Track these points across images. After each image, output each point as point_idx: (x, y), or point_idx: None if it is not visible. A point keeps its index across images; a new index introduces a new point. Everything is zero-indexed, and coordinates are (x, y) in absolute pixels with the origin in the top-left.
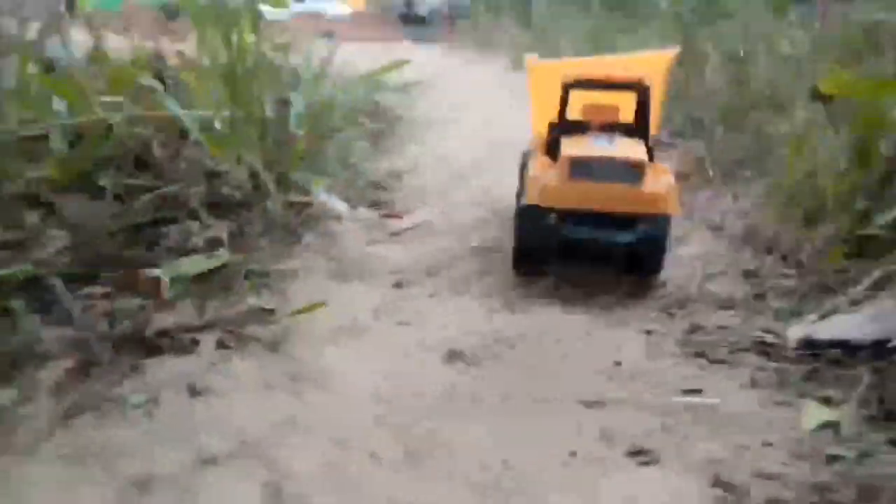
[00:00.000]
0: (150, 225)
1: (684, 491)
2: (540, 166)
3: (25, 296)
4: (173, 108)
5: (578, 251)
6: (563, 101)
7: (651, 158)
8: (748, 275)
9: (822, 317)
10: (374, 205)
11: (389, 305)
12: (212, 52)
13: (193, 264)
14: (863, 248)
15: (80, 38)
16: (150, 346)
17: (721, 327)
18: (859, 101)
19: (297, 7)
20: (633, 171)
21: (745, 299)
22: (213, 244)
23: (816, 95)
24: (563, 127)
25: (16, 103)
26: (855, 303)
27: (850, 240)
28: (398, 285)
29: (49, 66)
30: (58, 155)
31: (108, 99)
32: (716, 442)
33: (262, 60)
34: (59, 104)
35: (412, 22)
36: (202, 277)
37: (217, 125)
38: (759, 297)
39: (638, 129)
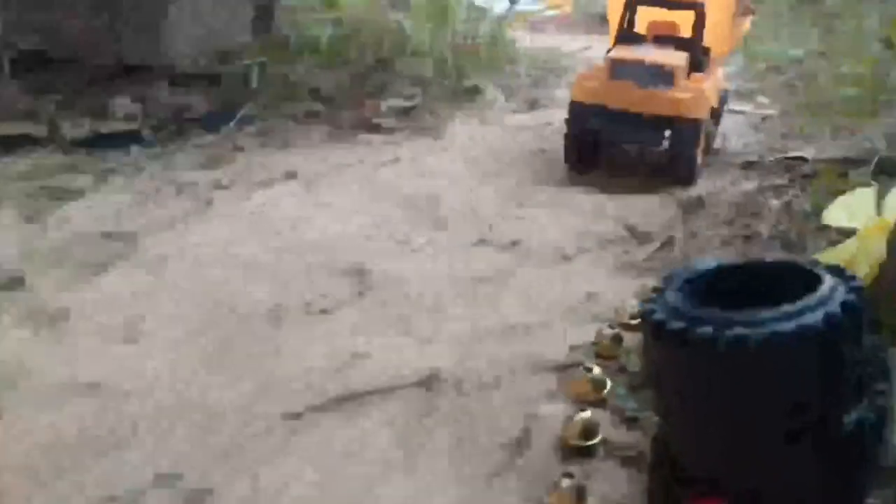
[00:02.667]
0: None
1: None
2: (594, 69)
3: None
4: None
5: (614, 148)
6: (626, 15)
7: (698, 69)
8: None
9: None
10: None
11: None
12: None
13: (398, 101)
14: None
15: None
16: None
17: None
18: None
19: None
20: (665, 76)
21: None
22: (411, 97)
23: None
24: (624, 38)
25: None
26: None
27: None
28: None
29: None
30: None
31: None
32: None
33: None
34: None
35: None
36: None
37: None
38: None
39: (692, 42)
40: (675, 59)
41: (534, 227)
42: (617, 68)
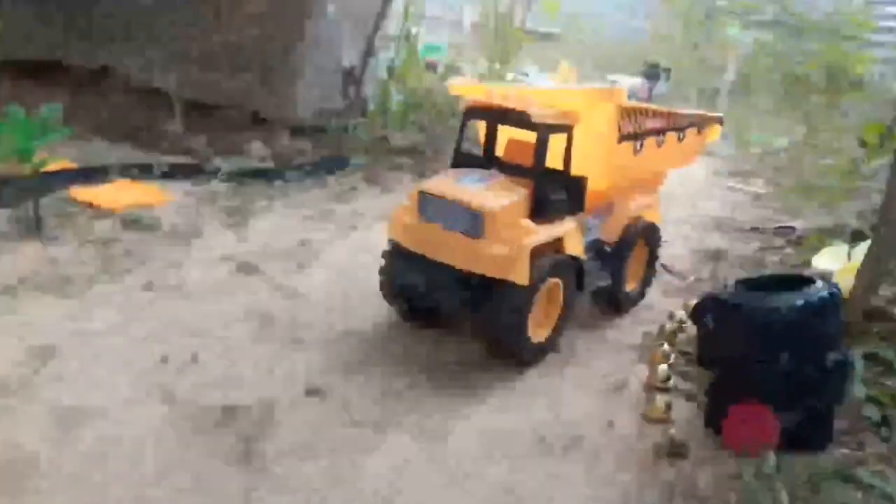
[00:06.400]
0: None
1: None
2: (410, 199)
3: None
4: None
5: (418, 300)
6: (462, 129)
7: (543, 213)
8: None
9: None
10: None
11: None
12: None
13: None
14: None
15: None
16: None
17: None
18: None
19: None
20: (473, 220)
21: None
22: None
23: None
24: (459, 158)
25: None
26: None
27: None
28: None
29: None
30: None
31: None
32: None
33: None
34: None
35: None
36: None
37: None
38: None
39: (535, 173)
40: (491, 198)
41: None
42: (425, 204)
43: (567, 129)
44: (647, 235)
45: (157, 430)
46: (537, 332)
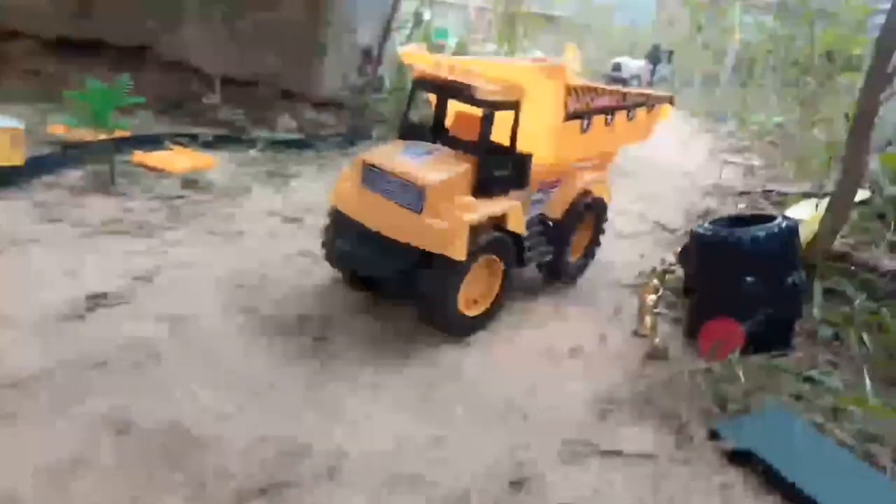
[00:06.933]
0: None
1: None
2: (354, 165)
3: None
4: None
5: (355, 267)
6: (410, 100)
7: (486, 189)
8: None
9: None
10: None
11: None
12: None
13: None
14: None
15: None
16: None
17: None
18: None
19: None
20: (413, 194)
21: None
22: None
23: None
24: (406, 129)
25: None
26: None
27: None
28: None
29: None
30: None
31: None
32: None
33: None
34: None
35: (617, 83)
36: None
37: None
38: None
39: (480, 148)
40: (433, 172)
41: None
42: (368, 174)
43: (513, 105)
44: (594, 211)
45: (244, 330)
46: (472, 307)
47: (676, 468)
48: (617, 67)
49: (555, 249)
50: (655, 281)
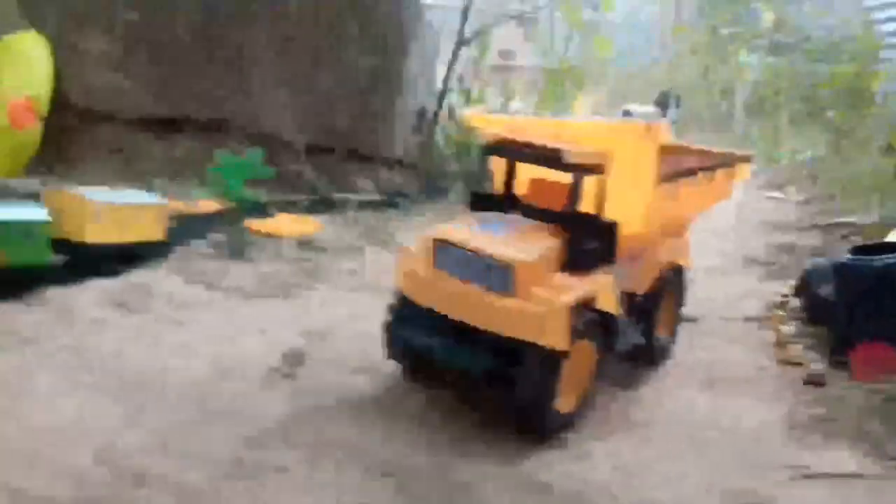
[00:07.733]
0: None
1: None
2: (421, 243)
3: None
4: None
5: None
6: (482, 167)
7: (577, 264)
8: None
9: None
10: None
11: None
12: None
13: None
14: None
15: None
16: None
17: None
18: None
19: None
20: (499, 274)
21: None
22: None
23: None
24: (475, 199)
25: None
26: None
27: None
28: None
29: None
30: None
31: None
32: None
33: None
34: None
35: None
36: None
37: None
38: None
39: (569, 219)
40: (521, 248)
41: None
42: (440, 253)
43: (602, 169)
44: (679, 280)
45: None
46: (563, 402)
47: (890, 485)
48: (627, 114)
49: (643, 331)
50: (781, 312)
